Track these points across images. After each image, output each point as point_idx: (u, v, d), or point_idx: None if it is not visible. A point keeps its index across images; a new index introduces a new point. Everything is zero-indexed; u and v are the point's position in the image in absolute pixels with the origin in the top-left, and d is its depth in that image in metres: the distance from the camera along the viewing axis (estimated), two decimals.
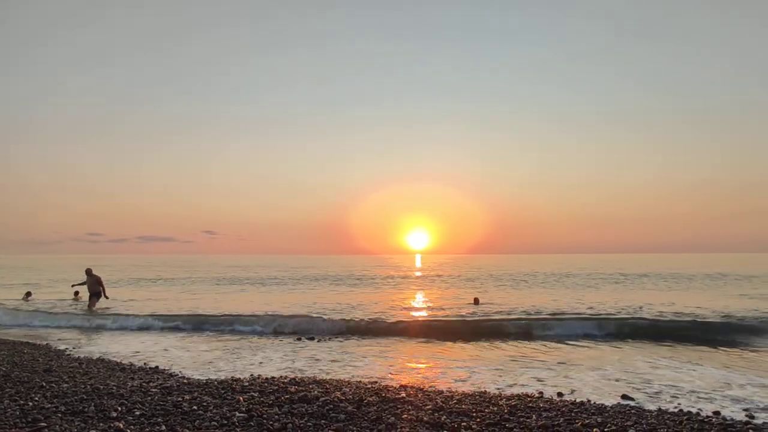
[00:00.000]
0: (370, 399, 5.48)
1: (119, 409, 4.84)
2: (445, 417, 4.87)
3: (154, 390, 5.75)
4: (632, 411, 5.29)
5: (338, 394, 5.71)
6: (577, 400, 5.82)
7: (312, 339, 11.22)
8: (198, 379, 6.75)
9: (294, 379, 6.85)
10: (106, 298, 17.25)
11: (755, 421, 5.03)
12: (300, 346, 10.44)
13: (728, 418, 5.10)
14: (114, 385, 6.00)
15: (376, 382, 6.88)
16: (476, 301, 18.36)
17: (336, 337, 11.53)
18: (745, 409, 5.62)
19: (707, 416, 5.15)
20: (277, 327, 12.75)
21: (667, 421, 4.87)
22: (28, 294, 20.92)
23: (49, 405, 4.95)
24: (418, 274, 37.48)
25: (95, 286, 17.10)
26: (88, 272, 17.13)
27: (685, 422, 4.85)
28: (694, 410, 5.46)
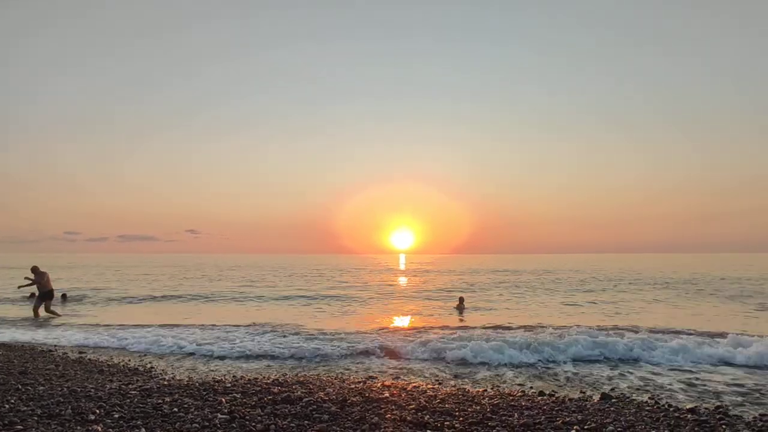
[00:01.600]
0: (354, 399, 5.48)
1: (97, 412, 4.75)
2: (428, 416, 4.89)
3: (133, 392, 5.65)
4: (611, 409, 5.40)
5: (322, 394, 5.70)
6: (558, 399, 5.91)
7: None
8: (179, 381, 6.66)
9: (277, 379, 6.80)
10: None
11: (728, 418, 5.17)
12: None
13: (703, 414, 5.24)
14: (92, 388, 5.89)
15: (360, 382, 6.88)
16: (461, 301, 17.94)
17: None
18: (718, 406, 5.77)
19: (683, 412, 5.28)
20: None
21: (645, 418, 4.98)
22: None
23: (25, 408, 4.83)
24: (403, 280, 37.51)
25: (46, 285, 15.28)
26: (35, 270, 15.31)
27: (662, 419, 4.97)
28: (671, 407, 5.59)
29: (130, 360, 8.90)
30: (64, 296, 20.86)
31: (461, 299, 18.17)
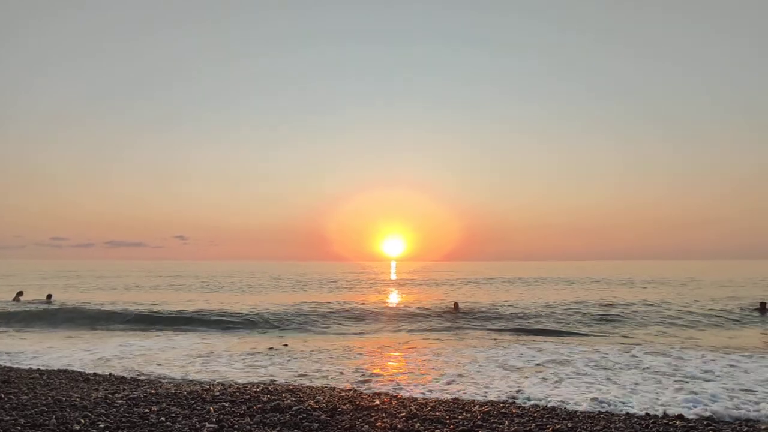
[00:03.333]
0: (344, 407, 5.45)
1: (82, 421, 4.67)
2: (419, 424, 4.87)
3: (119, 401, 5.56)
4: (601, 416, 5.42)
5: (311, 402, 5.65)
6: (549, 406, 5.92)
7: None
8: (166, 389, 6.57)
9: (266, 387, 6.74)
10: None
11: (715, 423, 5.23)
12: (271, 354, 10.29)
13: (691, 421, 5.28)
14: (77, 397, 5.78)
15: (350, 389, 6.84)
16: (456, 306, 17.87)
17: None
18: (707, 417, 5.82)
19: (672, 419, 5.32)
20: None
21: (635, 425, 5.01)
22: (20, 294, 20.70)
23: (8, 417, 4.73)
24: (398, 287, 37.45)
25: None
26: None
27: (651, 425, 5.00)
28: (660, 413, 5.63)
29: (116, 369, 8.76)
30: (49, 297, 20.75)
31: (456, 305, 18.11)
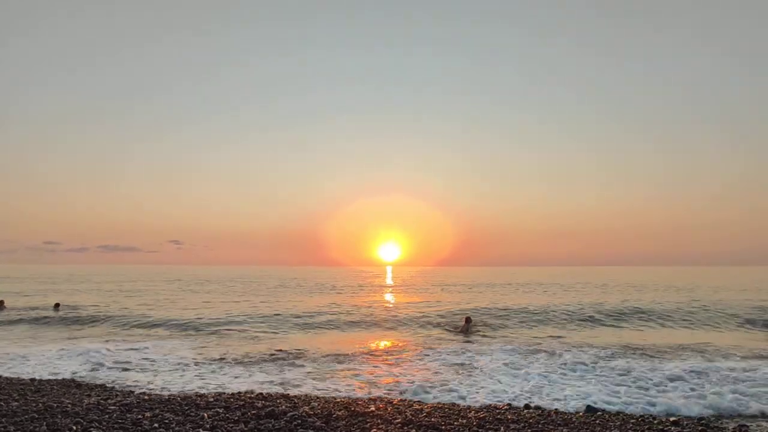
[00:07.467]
0: (339, 413, 5.41)
1: (74, 428, 4.61)
2: (414, 430, 4.85)
3: (112, 407, 5.51)
4: (597, 422, 5.41)
5: (306, 408, 5.62)
6: (544, 412, 5.91)
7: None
8: (159, 395, 6.51)
9: (261, 393, 6.69)
10: None
11: (710, 429, 5.23)
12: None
13: (686, 426, 5.29)
14: (69, 403, 5.72)
15: (345, 395, 6.81)
16: (467, 322, 15.30)
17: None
18: (701, 418, 5.83)
19: (667, 425, 5.32)
20: None
21: (630, 430, 5.01)
22: (1, 303, 20.50)
23: None
24: (397, 296, 37.04)
25: None
26: None
27: (646, 430, 5.01)
28: (655, 419, 5.63)
29: (109, 374, 8.68)
30: (57, 306, 20.58)
31: (468, 320, 15.50)
